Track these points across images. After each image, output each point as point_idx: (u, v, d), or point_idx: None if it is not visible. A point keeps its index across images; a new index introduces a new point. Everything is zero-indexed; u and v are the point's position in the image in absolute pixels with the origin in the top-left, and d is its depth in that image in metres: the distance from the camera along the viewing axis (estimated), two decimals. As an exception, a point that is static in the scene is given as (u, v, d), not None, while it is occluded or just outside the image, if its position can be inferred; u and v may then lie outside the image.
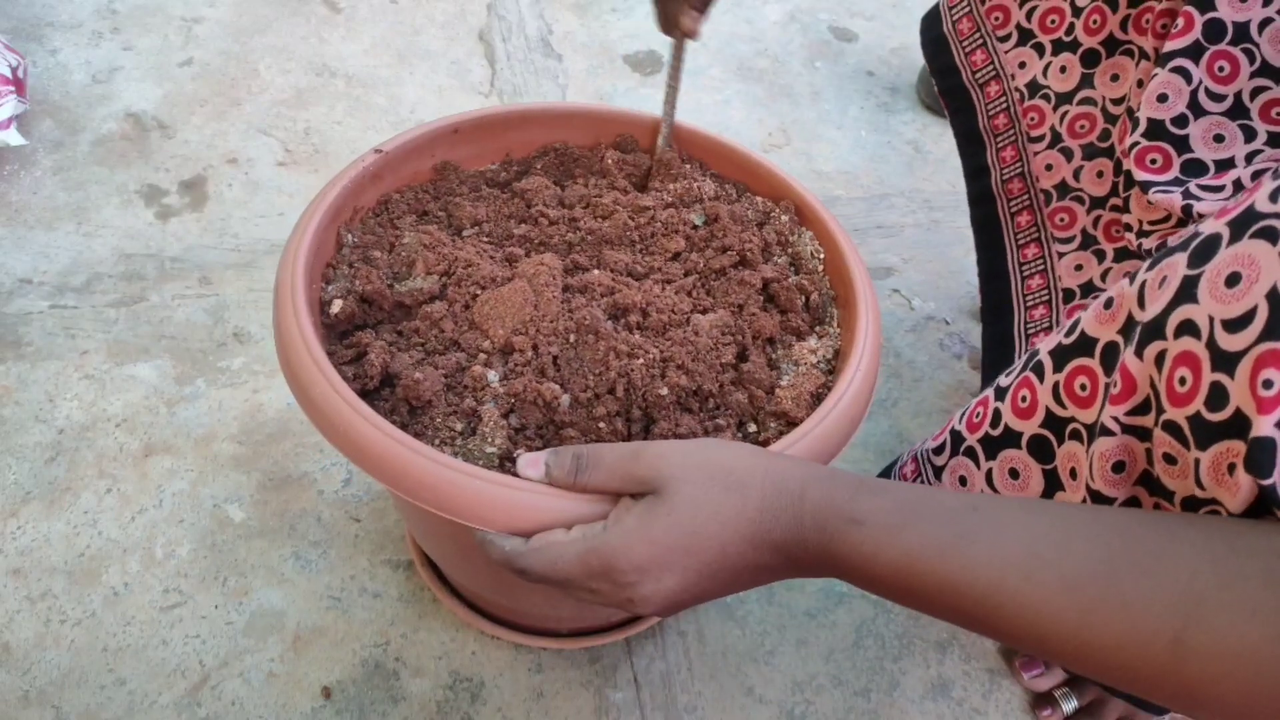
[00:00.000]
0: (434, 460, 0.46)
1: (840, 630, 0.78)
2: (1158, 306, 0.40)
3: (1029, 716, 0.75)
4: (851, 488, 0.41)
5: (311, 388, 0.49)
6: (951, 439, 0.57)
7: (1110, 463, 0.43)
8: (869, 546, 0.39)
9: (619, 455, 0.45)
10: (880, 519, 0.39)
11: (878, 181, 1.24)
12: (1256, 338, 0.34)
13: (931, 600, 0.38)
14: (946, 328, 1.05)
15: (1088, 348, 0.46)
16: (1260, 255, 0.35)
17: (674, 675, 0.74)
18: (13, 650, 0.70)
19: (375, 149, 0.63)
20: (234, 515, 0.80)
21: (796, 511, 0.41)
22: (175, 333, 0.94)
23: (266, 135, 1.17)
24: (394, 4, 1.42)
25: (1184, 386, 0.37)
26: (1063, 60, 0.72)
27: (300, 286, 0.53)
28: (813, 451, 0.50)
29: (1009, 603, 0.36)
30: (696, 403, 0.56)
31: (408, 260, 0.60)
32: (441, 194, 0.68)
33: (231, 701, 0.69)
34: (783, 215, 0.68)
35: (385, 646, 0.73)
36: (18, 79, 1.07)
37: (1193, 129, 0.60)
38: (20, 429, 0.84)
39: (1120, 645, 0.33)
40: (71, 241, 1.01)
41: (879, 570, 0.39)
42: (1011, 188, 0.80)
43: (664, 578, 0.42)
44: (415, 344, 0.56)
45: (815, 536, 0.40)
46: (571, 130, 0.73)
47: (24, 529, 0.77)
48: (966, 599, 0.37)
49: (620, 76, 1.35)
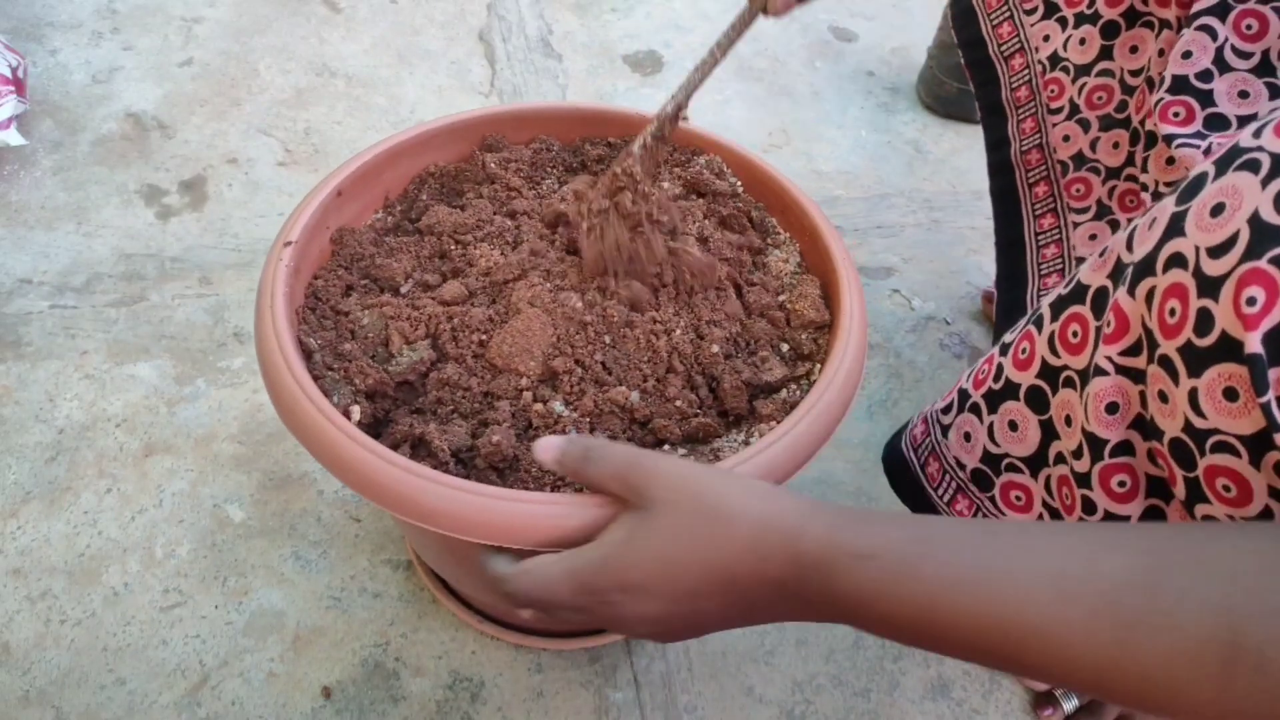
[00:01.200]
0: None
1: (840, 630, 0.78)
2: (1147, 246, 0.41)
3: (1029, 716, 0.75)
4: (860, 520, 0.39)
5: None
6: (959, 397, 0.58)
7: (1105, 403, 0.43)
8: (880, 583, 0.36)
9: (623, 458, 0.44)
10: (893, 552, 0.36)
11: (878, 181, 1.24)
12: (1239, 259, 0.35)
13: (950, 636, 0.36)
14: (946, 328, 1.05)
15: (1080, 295, 0.47)
16: (1243, 185, 0.36)
17: (674, 675, 0.74)
18: (13, 650, 0.70)
19: (285, 241, 0.57)
20: (234, 515, 0.80)
21: (793, 551, 0.39)
22: (175, 333, 0.94)
23: (266, 135, 1.17)
24: (394, 4, 1.42)
25: (1174, 318, 0.38)
26: (1083, 33, 0.73)
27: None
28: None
29: (1039, 630, 0.33)
30: (741, 349, 0.58)
31: (380, 339, 0.57)
32: (353, 263, 0.63)
33: (231, 701, 0.69)
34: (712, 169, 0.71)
35: (385, 646, 0.73)
36: (18, 79, 1.07)
37: (1217, 84, 0.60)
38: (20, 429, 0.84)
39: (1166, 663, 0.30)
40: (71, 241, 1.01)
41: (891, 607, 0.36)
42: (1030, 159, 0.81)
43: (644, 601, 0.41)
44: (447, 412, 0.54)
45: (815, 575, 0.38)
46: (440, 150, 0.70)
47: (24, 529, 0.77)
48: (991, 631, 0.34)
49: (620, 76, 1.35)
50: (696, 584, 0.40)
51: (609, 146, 0.73)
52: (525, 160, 0.70)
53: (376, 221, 0.67)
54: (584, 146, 0.73)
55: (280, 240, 0.57)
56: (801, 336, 0.61)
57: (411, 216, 0.67)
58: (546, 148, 0.72)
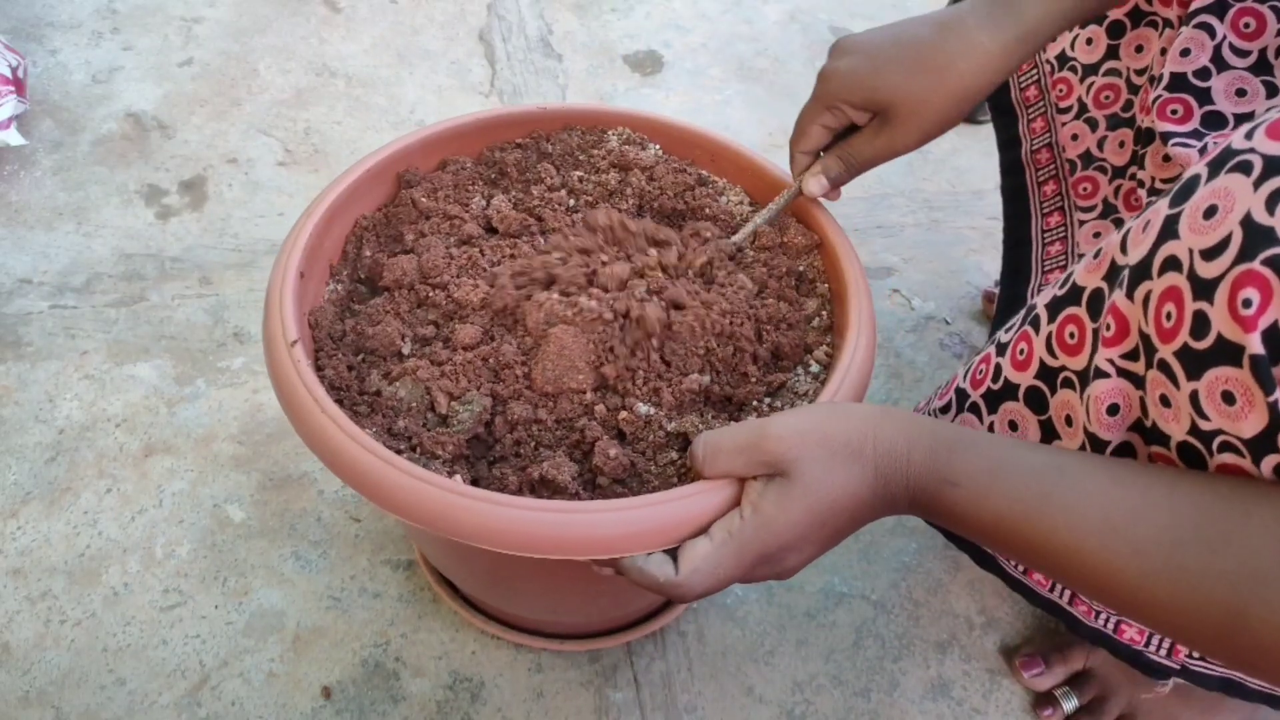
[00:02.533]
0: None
1: (840, 630, 0.78)
2: (1142, 250, 0.41)
3: (1029, 716, 0.75)
4: (948, 446, 0.44)
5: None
6: (957, 396, 0.58)
7: (1105, 405, 0.44)
8: (962, 506, 0.43)
9: (737, 442, 0.47)
10: (972, 481, 0.43)
11: (878, 181, 1.24)
12: (1232, 261, 0.35)
13: (1019, 552, 0.43)
14: (946, 328, 1.05)
15: (1076, 297, 0.47)
16: (1236, 187, 0.36)
17: (674, 675, 0.74)
18: (13, 650, 0.70)
19: (290, 342, 0.53)
20: (234, 515, 0.80)
21: (905, 471, 0.45)
22: (175, 333, 0.94)
23: (266, 135, 1.17)
24: (394, 4, 1.42)
25: (1170, 321, 0.39)
26: (1089, 32, 0.73)
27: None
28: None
29: (1083, 563, 0.40)
30: (776, 323, 0.61)
31: (425, 405, 0.54)
32: (338, 342, 0.58)
33: (231, 701, 0.69)
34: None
35: (385, 646, 0.73)
36: (18, 79, 1.07)
37: (1215, 82, 0.60)
38: (20, 429, 0.84)
39: (1179, 609, 0.37)
40: (71, 241, 1.01)
41: (973, 525, 0.44)
42: (1039, 158, 0.81)
43: (806, 549, 0.46)
44: (531, 450, 0.53)
45: (920, 495, 0.45)
46: (364, 200, 0.66)
47: (24, 529, 0.77)
48: (1046, 555, 0.41)
49: (620, 76, 1.35)
50: (850, 519, 0.46)
51: (519, 148, 0.71)
52: (449, 185, 0.68)
53: (331, 294, 0.61)
54: (494, 155, 0.70)
55: (284, 343, 0.52)
56: (801, 266, 0.64)
57: (359, 277, 0.63)
58: (461, 167, 0.69)
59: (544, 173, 0.69)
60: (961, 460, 0.44)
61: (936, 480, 0.44)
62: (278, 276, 0.56)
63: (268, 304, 0.55)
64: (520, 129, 0.72)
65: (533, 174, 0.70)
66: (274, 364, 0.52)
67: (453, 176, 0.68)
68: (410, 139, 0.67)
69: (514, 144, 0.72)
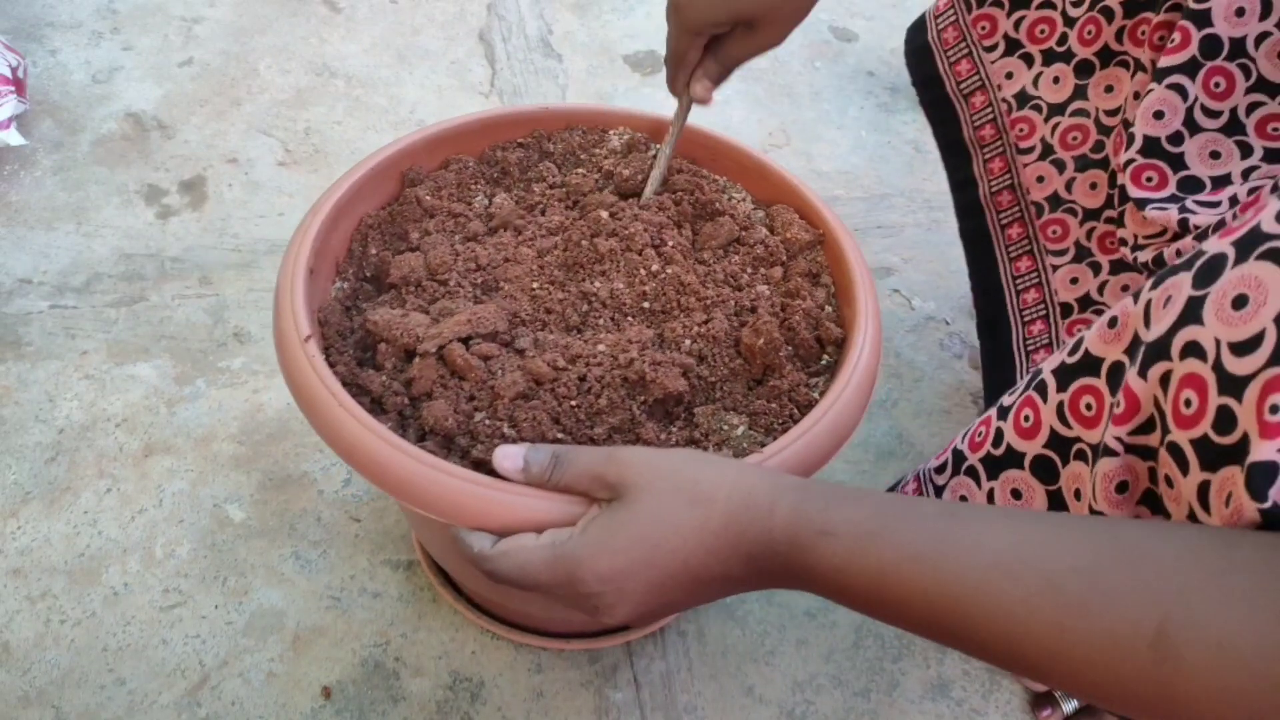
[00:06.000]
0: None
1: (840, 630, 0.78)
2: (1162, 327, 0.39)
3: (1029, 716, 0.75)
4: (824, 498, 0.40)
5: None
6: (953, 458, 0.57)
7: (1114, 483, 0.42)
8: (839, 558, 0.38)
9: (592, 458, 0.45)
10: (852, 529, 0.38)
11: (878, 181, 1.24)
12: (1265, 362, 0.34)
13: (904, 611, 0.37)
14: (946, 328, 1.05)
15: (1093, 367, 0.45)
16: (1267, 278, 0.35)
17: (674, 675, 0.74)
18: (13, 650, 0.70)
19: (305, 338, 0.53)
20: (234, 515, 0.80)
21: (766, 525, 0.40)
22: (175, 333, 0.94)
23: (266, 135, 1.17)
24: (394, 4, 1.42)
25: (1189, 409, 0.37)
26: (1055, 70, 0.72)
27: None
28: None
29: (985, 608, 0.35)
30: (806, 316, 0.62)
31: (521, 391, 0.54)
32: (346, 339, 0.58)
33: (231, 701, 0.69)
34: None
35: (385, 646, 0.73)
36: (18, 79, 1.07)
37: (1188, 146, 0.59)
38: (20, 429, 0.84)
39: (1100, 645, 0.32)
40: (71, 241, 1.01)
41: (850, 581, 0.38)
42: (1001, 200, 0.79)
43: (626, 588, 0.42)
44: (575, 413, 0.53)
45: (786, 549, 0.40)
46: (369, 199, 0.66)
47: (24, 529, 0.77)
48: (940, 607, 0.36)
49: (620, 76, 1.35)
50: (681, 565, 0.42)
51: (521, 147, 0.71)
52: (452, 184, 0.68)
53: (338, 292, 0.62)
54: (496, 154, 0.70)
55: (297, 339, 0.52)
56: (801, 260, 0.65)
57: (365, 275, 0.63)
58: (464, 165, 0.69)
59: (545, 171, 0.69)
60: (839, 511, 0.39)
61: (809, 533, 0.39)
62: (287, 273, 0.55)
63: (278, 301, 0.55)
64: (522, 128, 0.72)
65: (534, 173, 0.70)
66: (288, 360, 0.52)
67: (456, 175, 0.69)
68: (414, 137, 0.67)
69: (516, 143, 0.72)
